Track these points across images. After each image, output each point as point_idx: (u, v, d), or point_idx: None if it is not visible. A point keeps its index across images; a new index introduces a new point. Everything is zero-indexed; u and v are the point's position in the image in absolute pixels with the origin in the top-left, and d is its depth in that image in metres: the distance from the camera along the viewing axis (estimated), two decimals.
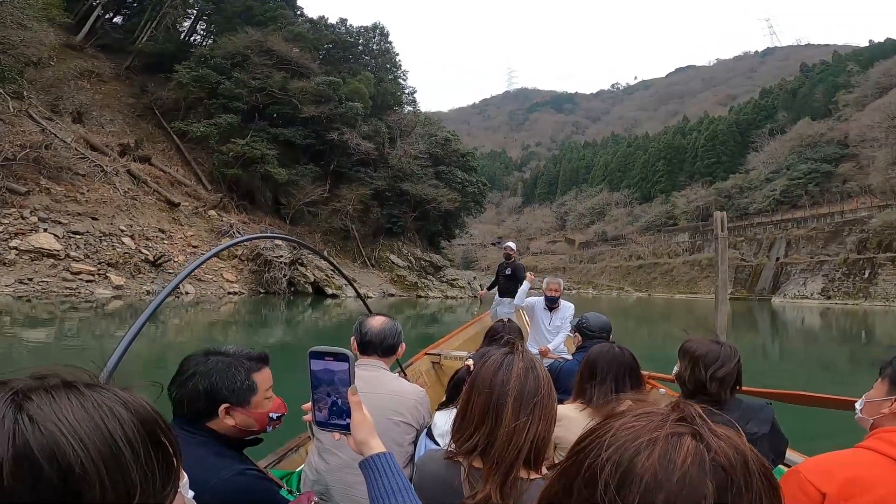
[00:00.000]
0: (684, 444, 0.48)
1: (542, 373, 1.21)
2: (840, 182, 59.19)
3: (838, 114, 63.70)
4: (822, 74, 74.75)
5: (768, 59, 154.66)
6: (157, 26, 35.58)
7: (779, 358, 15.45)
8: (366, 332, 2.09)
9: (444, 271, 38.72)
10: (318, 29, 40.38)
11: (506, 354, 1.23)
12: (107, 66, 33.42)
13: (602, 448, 0.50)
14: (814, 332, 24.77)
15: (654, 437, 0.49)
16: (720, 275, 4.75)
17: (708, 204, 69.08)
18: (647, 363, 3.42)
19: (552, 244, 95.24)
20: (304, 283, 24.20)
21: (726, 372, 1.84)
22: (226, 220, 25.16)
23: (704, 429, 0.50)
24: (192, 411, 1.39)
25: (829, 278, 47.10)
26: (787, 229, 57.75)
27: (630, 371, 2.09)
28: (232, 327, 15.94)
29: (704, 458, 0.47)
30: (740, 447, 0.49)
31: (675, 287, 62.26)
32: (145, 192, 23.25)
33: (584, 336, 3.28)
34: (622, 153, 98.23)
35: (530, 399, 1.16)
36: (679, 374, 1.96)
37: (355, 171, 36.15)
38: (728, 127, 78.74)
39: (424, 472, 1.30)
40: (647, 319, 30.09)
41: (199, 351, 1.44)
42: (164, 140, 31.31)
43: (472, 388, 1.23)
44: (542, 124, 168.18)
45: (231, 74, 32.09)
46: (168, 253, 20.31)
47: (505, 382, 1.17)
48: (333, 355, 1.04)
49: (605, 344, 2.21)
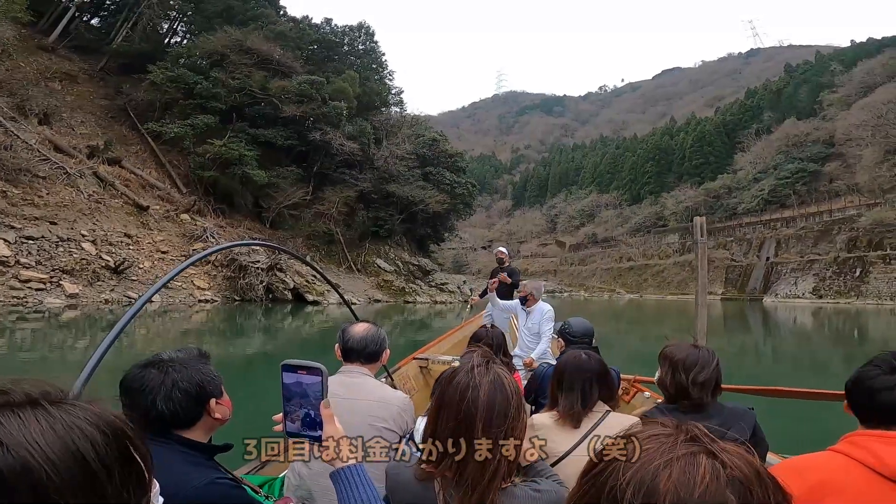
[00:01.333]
0: (701, 463, 0.51)
1: (510, 389, 1.19)
2: (827, 181, 59.67)
3: (823, 113, 64.27)
4: (806, 74, 75.40)
5: (752, 61, 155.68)
6: (134, 27, 34.67)
7: (772, 359, 15.29)
8: (348, 339, 2.11)
9: (432, 275, 37.71)
10: (300, 28, 39.34)
11: (472, 372, 1.19)
12: (80, 67, 32.68)
13: (621, 470, 0.53)
14: (806, 331, 24.63)
15: (670, 458, 0.51)
16: (700, 279, 4.77)
17: (697, 205, 69.59)
18: (637, 366, 3.35)
19: (543, 247, 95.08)
20: (283, 289, 23.04)
21: (706, 376, 1.87)
22: (199, 224, 23.94)
23: (715, 446, 0.53)
24: (182, 418, 1.35)
25: (820, 277, 47.20)
26: (777, 229, 58.02)
27: (597, 378, 2.03)
28: (206, 337, 15.06)
29: (721, 474, 0.50)
30: (751, 460, 0.53)
31: (666, 288, 62.10)
32: (112, 196, 22.03)
33: (566, 341, 3.26)
34: (611, 155, 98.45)
35: (501, 419, 1.14)
36: (660, 379, 1.98)
37: (340, 172, 35.04)
38: (715, 128, 79.18)
39: (396, 485, 1.28)
40: (638, 322, 29.90)
41: (136, 367, 1.37)
42: (139, 142, 30.12)
43: (439, 408, 1.20)
44: (531, 127, 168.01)
45: (209, 74, 30.98)
46: (133, 259, 19.10)
47: (473, 403, 1.15)
48: (306, 369, 1.06)
49: (574, 352, 2.18)
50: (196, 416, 1.39)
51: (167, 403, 1.34)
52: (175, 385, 1.35)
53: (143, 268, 19.11)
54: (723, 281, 57.45)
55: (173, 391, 1.34)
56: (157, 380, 1.35)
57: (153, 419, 1.34)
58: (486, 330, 3.32)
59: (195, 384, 1.37)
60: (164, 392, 1.34)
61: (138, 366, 1.40)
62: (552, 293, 64.85)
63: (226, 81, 30.78)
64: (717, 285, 57.45)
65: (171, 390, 1.34)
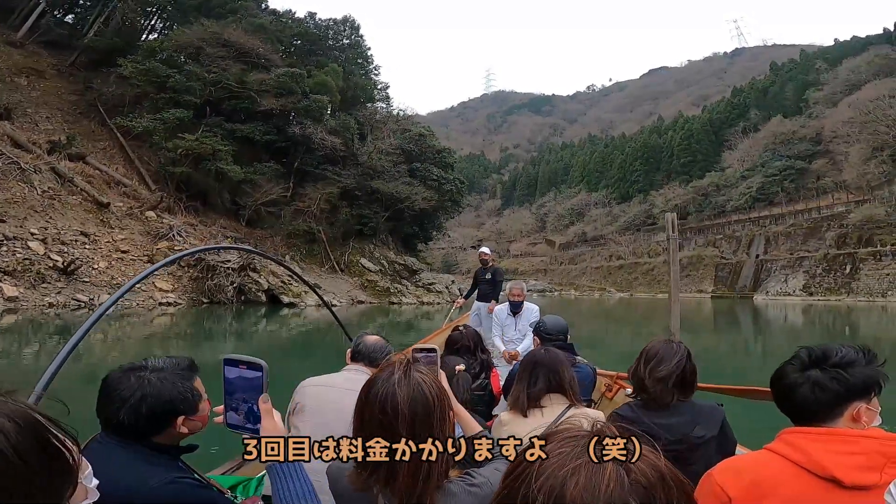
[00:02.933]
0: (606, 469, 0.52)
1: (430, 395, 1.17)
2: (815, 178, 60.06)
3: (809, 111, 64.67)
4: (792, 73, 75.85)
5: (737, 60, 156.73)
6: (107, 22, 33.62)
7: (762, 356, 15.19)
8: (359, 344, 2.37)
9: (419, 275, 36.58)
10: (281, 21, 38.06)
11: (390, 381, 1.17)
12: (48, 62, 31.85)
13: (532, 478, 0.53)
14: (797, 328, 24.32)
15: (578, 465, 0.52)
16: (672, 276, 4.80)
17: (686, 202, 70.06)
18: (623, 364, 3.11)
19: (532, 246, 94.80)
20: (257, 290, 21.72)
21: (667, 371, 1.85)
22: (166, 222, 22.55)
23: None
24: (141, 430, 1.35)
25: (811, 274, 47.27)
26: (766, 226, 58.27)
27: (548, 371, 2.10)
28: (172, 342, 14.06)
29: (625, 480, 0.51)
30: (656, 464, 0.54)
31: (656, 286, 61.86)
32: (70, 192, 20.63)
33: (542, 339, 3.31)
34: (600, 154, 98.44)
35: (424, 425, 1.14)
36: (630, 371, 2.01)
37: (322, 169, 33.73)
38: (702, 126, 79.46)
39: (337, 492, 1.28)
40: (627, 320, 29.70)
41: (120, 369, 1.38)
42: (108, 138, 28.81)
43: (361, 419, 1.18)
44: (520, 126, 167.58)
45: (183, 68, 29.71)
46: (87, 259, 17.72)
47: (393, 416, 1.13)
48: (248, 364, 1.10)
49: (536, 348, 2.41)
50: (157, 430, 1.36)
51: (129, 416, 1.32)
52: (143, 400, 1.33)
53: (97, 268, 17.74)
54: (713, 279, 57.51)
55: (140, 405, 1.32)
56: (128, 390, 1.33)
57: (114, 426, 1.33)
58: (460, 333, 3.41)
59: (164, 401, 1.34)
60: (131, 404, 1.32)
61: (122, 369, 1.39)
62: (542, 292, 64.36)
63: (201, 75, 29.50)
64: (706, 283, 57.41)
65: (138, 404, 1.32)
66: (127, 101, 28.94)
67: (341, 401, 1.94)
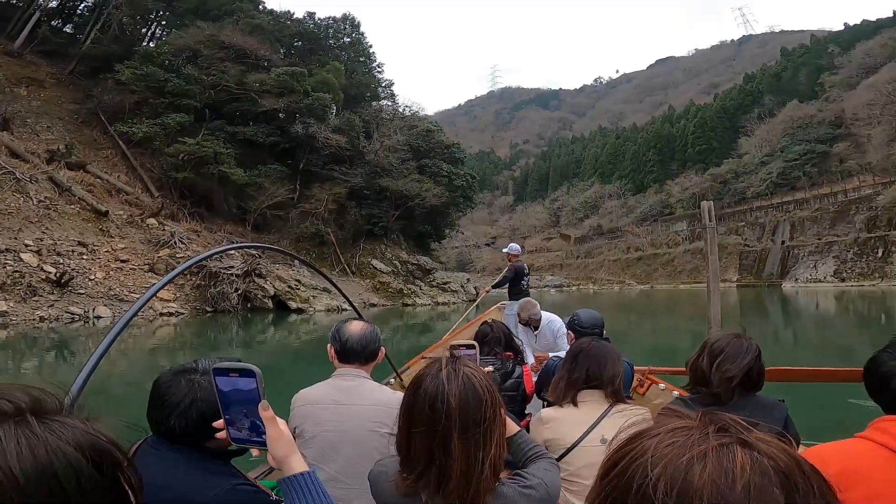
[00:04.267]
0: (737, 454, 0.46)
1: (482, 389, 1.12)
2: (837, 162, 59.11)
3: (825, 95, 64.06)
4: (804, 57, 74.89)
5: (745, 47, 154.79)
6: (104, 30, 33.18)
7: (793, 346, 14.51)
8: (346, 339, 2.01)
9: (433, 274, 35.39)
10: (279, 21, 37.28)
11: (439, 378, 1.12)
12: (47, 72, 31.54)
13: (648, 467, 0.48)
14: (829, 316, 23.47)
15: (702, 450, 0.47)
16: (710, 266, 4.62)
17: (704, 191, 68.97)
18: (650, 358, 3.44)
19: (547, 241, 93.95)
20: (263, 297, 20.60)
21: (736, 370, 1.76)
22: (168, 230, 21.68)
23: (749, 436, 0.49)
24: (192, 435, 1.31)
25: (841, 259, 45.88)
26: (790, 211, 57.01)
27: (595, 365, 2.04)
28: (178, 353, 13.26)
29: (764, 465, 0.45)
30: (788, 450, 0.48)
31: (677, 277, 60.49)
32: (68, 202, 19.88)
33: (577, 333, 3.23)
34: (612, 145, 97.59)
35: (476, 426, 1.09)
36: (689, 361, 1.92)
37: (328, 169, 32.69)
38: (716, 113, 78.56)
39: (380, 498, 1.24)
40: (650, 313, 29.07)
41: (169, 372, 1.36)
42: (110, 146, 28.24)
43: (409, 421, 1.14)
44: (528, 122, 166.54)
45: (181, 71, 29.01)
46: (84, 269, 16.84)
47: (445, 413, 1.08)
48: (238, 371, 1.02)
49: (588, 337, 2.23)
50: (208, 435, 1.26)
51: (180, 421, 1.29)
52: (193, 404, 1.29)
53: (94, 279, 16.85)
54: (737, 267, 55.97)
55: (190, 410, 1.29)
56: (179, 394, 1.30)
57: (164, 431, 1.31)
58: (489, 326, 3.28)
59: (215, 406, 1.21)
60: (181, 410, 1.29)
61: (172, 371, 1.36)
62: (559, 287, 63.13)
63: (199, 78, 28.80)
64: (731, 272, 55.58)
65: (188, 409, 1.29)
66: (127, 108, 28.31)
67: (342, 421, 1.90)
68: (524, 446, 1.40)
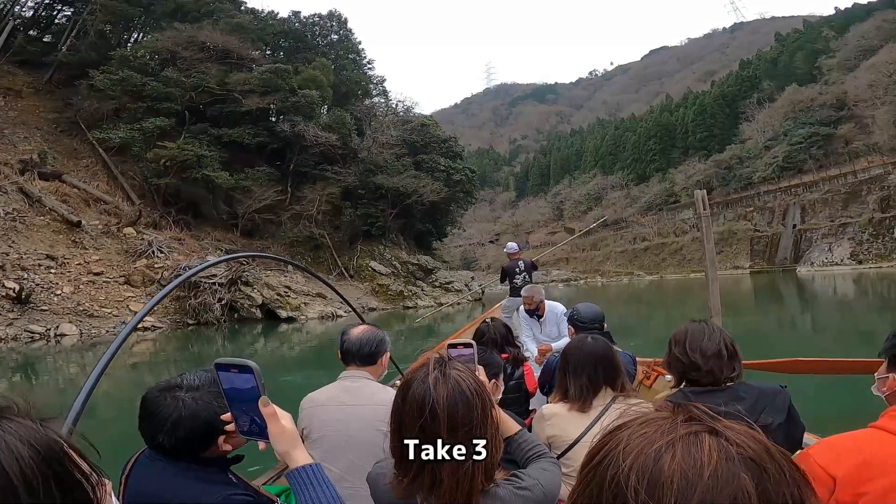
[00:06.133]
0: (704, 441, 0.47)
1: (470, 391, 1.11)
2: (843, 143, 58.00)
3: (825, 78, 63.49)
4: (799, 42, 74.08)
5: (738, 35, 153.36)
6: (81, 37, 31.97)
7: (812, 332, 14.05)
8: (345, 341, 2.12)
9: (435, 274, 33.91)
10: (261, 20, 35.93)
11: (426, 382, 1.11)
12: (24, 81, 30.49)
13: (620, 458, 0.49)
14: (847, 300, 22.71)
15: (671, 440, 0.48)
16: (707, 254, 4.65)
17: (708, 177, 68.46)
18: (660, 350, 2.86)
19: (552, 235, 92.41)
20: (250, 306, 19.11)
21: (715, 345, 1.74)
22: (146, 238, 20.31)
23: (718, 424, 0.49)
24: (187, 450, 1.31)
25: (857, 241, 44.65)
26: (799, 195, 55.61)
27: (603, 362, 2.03)
28: (161, 369, 12.27)
29: (730, 452, 0.46)
30: (757, 437, 0.49)
31: (687, 266, 59.13)
32: (38, 213, 18.60)
33: (576, 328, 3.22)
34: (611, 136, 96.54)
35: (466, 426, 1.08)
36: (666, 361, 1.91)
37: (320, 169, 31.25)
38: (714, 100, 77.66)
39: (379, 496, 1.27)
40: (659, 303, 28.46)
41: (155, 389, 1.35)
42: (90, 155, 26.95)
43: (399, 427, 1.14)
44: (526, 117, 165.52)
45: (159, 74, 27.71)
46: (50, 284, 15.55)
47: (432, 417, 1.08)
48: (238, 367, 1.03)
49: (580, 336, 2.19)
50: (200, 449, 1.31)
51: (167, 439, 1.29)
52: (179, 422, 1.28)
53: (60, 294, 15.52)
54: (748, 253, 54.77)
55: (176, 429, 1.28)
56: (164, 412, 1.29)
57: (156, 446, 1.31)
58: (487, 325, 3.27)
59: (201, 423, 1.28)
60: (167, 428, 1.28)
61: (158, 388, 1.35)
62: (567, 282, 61.77)
63: (179, 80, 27.42)
64: (742, 258, 54.23)
65: (173, 427, 1.28)
66: (105, 115, 27.11)
67: (348, 421, 1.96)
68: (525, 445, 1.41)
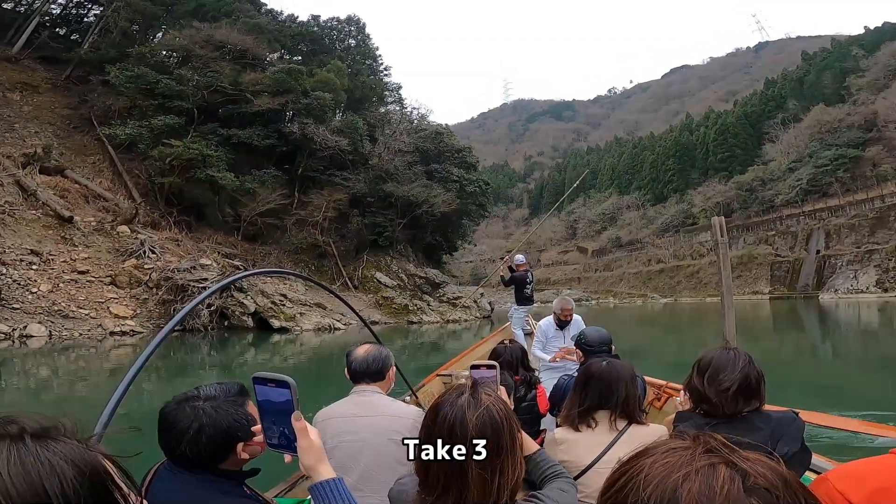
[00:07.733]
0: (720, 473, 0.49)
1: (500, 416, 1.12)
2: (871, 166, 56.17)
3: (853, 98, 61.36)
4: (827, 61, 72.35)
5: (762, 53, 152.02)
6: (104, 35, 32.12)
7: (833, 363, 13.69)
8: (352, 362, 2.20)
9: (443, 289, 32.74)
10: (279, 21, 35.76)
11: (457, 405, 1.12)
12: (43, 77, 30.65)
13: (641, 487, 0.51)
14: (872, 329, 21.78)
15: (688, 471, 0.50)
16: (724, 280, 4.60)
17: (728, 199, 66.57)
18: (673, 374, 3.14)
19: (564, 254, 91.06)
20: (242, 314, 18.15)
21: (730, 381, 1.70)
22: (139, 238, 19.63)
23: (735, 455, 0.51)
24: (205, 460, 1.35)
25: (883, 269, 42.84)
26: (824, 219, 53.70)
27: (618, 387, 2.00)
28: (141, 377, 11.06)
29: (739, 483, 0.48)
30: (775, 467, 0.51)
31: (703, 290, 57.24)
32: (31, 207, 18.05)
33: (584, 352, 3.19)
34: (629, 155, 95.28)
35: (495, 455, 1.08)
36: (687, 382, 1.91)
37: (328, 174, 30.54)
38: (737, 120, 76.05)
39: None
40: (673, 327, 27.78)
41: (173, 401, 1.38)
42: (98, 151, 26.73)
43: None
44: (542, 134, 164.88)
45: (173, 72, 27.42)
46: (27, 282, 14.83)
47: (462, 440, 1.08)
48: (276, 382, 1.07)
49: (597, 360, 2.16)
50: (221, 458, 1.36)
51: (191, 447, 1.32)
52: (201, 430, 1.32)
53: (36, 293, 14.76)
54: (768, 279, 52.84)
55: (199, 436, 1.32)
56: (185, 421, 1.33)
57: (178, 457, 1.34)
58: (504, 346, 3.35)
59: (222, 431, 1.33)
60: (190, 436, 1.32)
61: (176, 400, 1.38)
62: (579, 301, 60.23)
63: (192, 78, 27.07)
64: (762, 283, 52.36)
65: (196, 435, 1.32)
66: (117, 112, 26.82)
67: (360, 432, 2.02)
68: (542, 465, 1.44)
